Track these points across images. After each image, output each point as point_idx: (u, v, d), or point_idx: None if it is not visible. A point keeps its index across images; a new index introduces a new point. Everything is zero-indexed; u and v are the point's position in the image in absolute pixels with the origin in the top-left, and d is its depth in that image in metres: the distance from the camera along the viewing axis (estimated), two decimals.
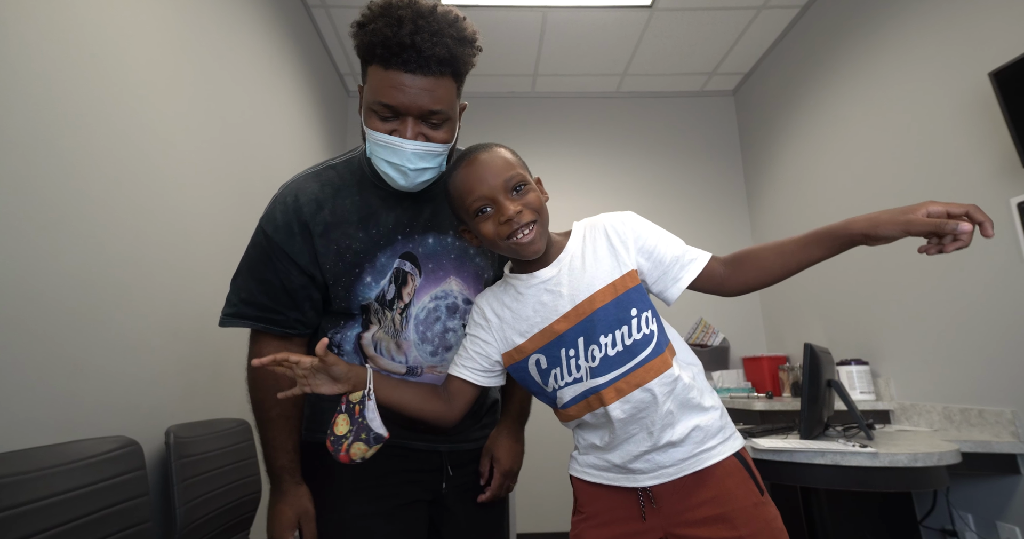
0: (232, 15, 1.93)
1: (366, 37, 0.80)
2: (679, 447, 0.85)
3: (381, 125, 0.84)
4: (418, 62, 0.78)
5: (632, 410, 0.84)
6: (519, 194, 0.84)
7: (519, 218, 0.82)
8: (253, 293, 0.93)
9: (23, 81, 1.03)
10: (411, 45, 0.77)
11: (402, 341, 0.96)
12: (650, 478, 0.86)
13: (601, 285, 0.86)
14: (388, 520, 0.94)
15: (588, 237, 0.90)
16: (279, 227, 0.92)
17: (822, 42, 2.71)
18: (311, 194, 0.93)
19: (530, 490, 3.01)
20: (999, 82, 1.62)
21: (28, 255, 1.02)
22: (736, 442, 0.89)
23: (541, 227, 0.85)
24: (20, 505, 0.86)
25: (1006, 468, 1.70)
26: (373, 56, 0.80)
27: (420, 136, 0.84)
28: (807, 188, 2.84)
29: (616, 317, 0.85)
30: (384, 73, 0.80)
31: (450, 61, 0.81)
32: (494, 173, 0.83)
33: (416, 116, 0.83)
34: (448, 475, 1.02)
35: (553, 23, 2.91)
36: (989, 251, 1.80)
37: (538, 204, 0.85)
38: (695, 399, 0.86)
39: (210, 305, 1.69)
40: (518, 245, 0.83)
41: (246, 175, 1.98)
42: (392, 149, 0.84)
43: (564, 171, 3.41)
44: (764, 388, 2.84)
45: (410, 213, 0.95)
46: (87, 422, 1.13)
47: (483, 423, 1.09)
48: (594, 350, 0.84)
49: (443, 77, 0.82)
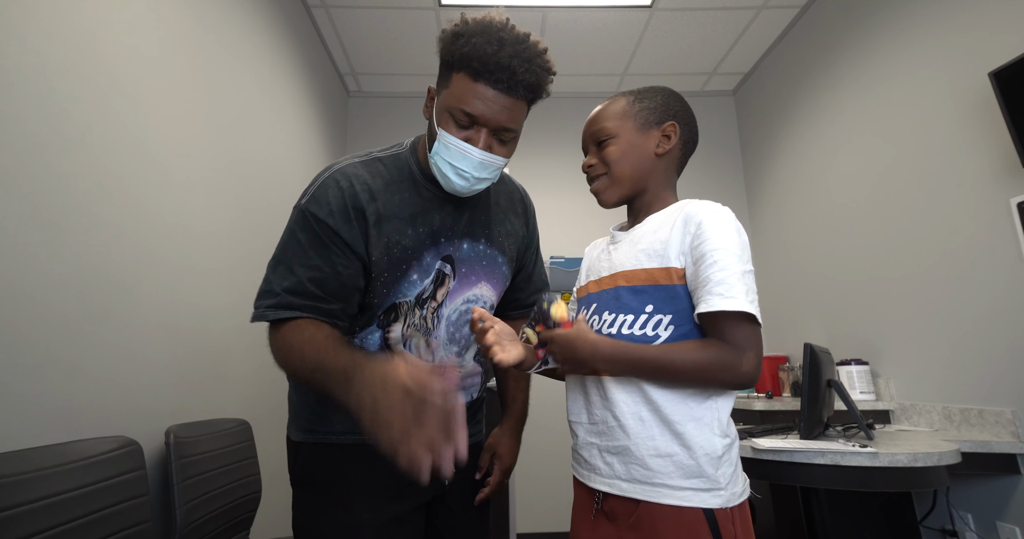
0: (232, 15, 1.93)
1: (463, 48, 0.83)
2: (634, 461, 0.79)
3: (456, 130, 0.87)
4: (509, 83, 0.83)
5: (600, 400, 0.85)
6: (600, 147, 0.92)
7: (592, 171, 0.93)
8: (301, 282, 0.86)
9: (22, 81, 1.03)
10: (507, 67, 0.82)
11: (432, 340, 0.97)
12: (604, 483, 0.83)
13: (636, 266, 0.85)
14: (399, 523, 0.94)
15: (671, 216, 0.86)
16: (334, 212, 0.88)
17: (822, 42, 2.71)
18: (364, 182, 0.91)
19: (530, 490, 3.01)
20: (999, 82, 1.62)
21: (27, 255, 1.02)
22: (716, 499, 0.76)
23: (611, 180, 0.91)
24: (20, 505, 0.86)
25: (1006, 468, 1.70)
26: (466, 66, 0.83)
27: (489, 148, 0.88)
28: (807, 188, 2.84)
29: (628, 304, 0.84)
30: (472, 84, 0.84)
31: (534, 89, 0.87)
32: (588, 127, 0.95)
33: (491, 129, 0.87)
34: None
35: (553, 23, 2.91)
36: (989, 251, 1.80)
37: (614, 157, 0.90)
38: (677, 427, 0.79)
39: (210, 305, 1.69)
40: (593, 193, 0.94)
41: (246, 175, 1.98)
42: (462, 154, 0.87)
43: (564, 171, 3.41)
44: (764, 388, 2.83)
45: (452, 217, 0.97)
46: (87, 422, 1.13)
47: (477, 419, 1.12)
48: (595, 321, 0.89)
49: (522, 100, 0.87)
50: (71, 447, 1.01)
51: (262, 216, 2.07)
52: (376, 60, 3.20)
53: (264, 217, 2.08)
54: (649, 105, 0.92)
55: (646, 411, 0.80)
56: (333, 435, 0.97)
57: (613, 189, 0.92)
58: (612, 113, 0.93)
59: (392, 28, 2.91)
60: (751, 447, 1.47)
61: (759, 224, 3.37)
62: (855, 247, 2.45)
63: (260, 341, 0.96)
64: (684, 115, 0.93)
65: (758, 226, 3.38)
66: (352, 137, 3.47)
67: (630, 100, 0.93)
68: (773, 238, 3.18)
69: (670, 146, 0.90)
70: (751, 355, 0.75)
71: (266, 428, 1.93)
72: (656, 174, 0.92)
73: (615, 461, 0.81)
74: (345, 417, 0.96)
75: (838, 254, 2.57)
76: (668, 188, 0.93)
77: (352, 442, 0.95)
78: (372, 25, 2.88)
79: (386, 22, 2.86)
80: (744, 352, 0.75)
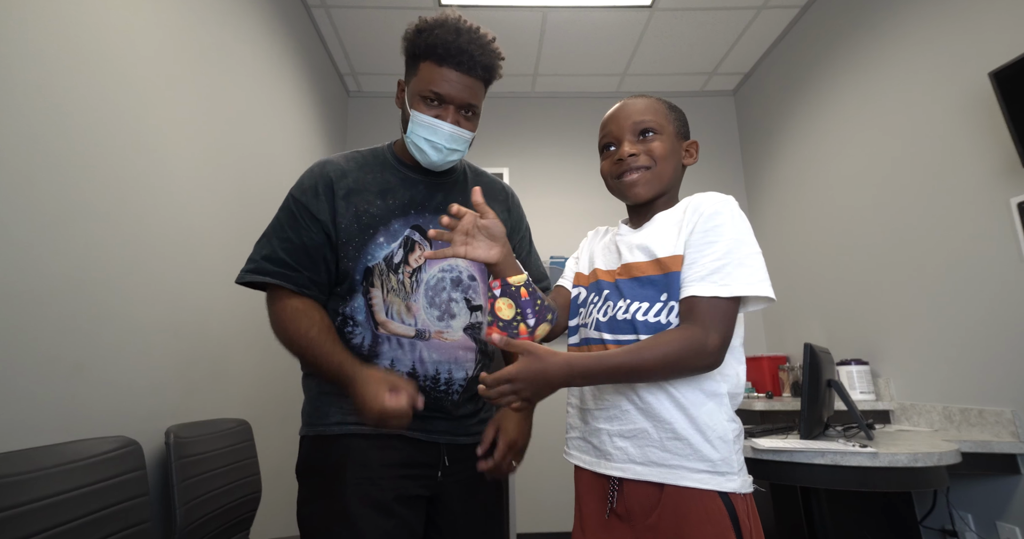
0: (232, 15, 1.93)
1: (428, 39, 0.98)
2: (646, 443, 0.80)
3: (427, 110, 1.01)
4: (469, 64, 0.98)
5: (611, 386, 0.84)
6: (644, 139, 0.91)
7: (632, 161, 0.90)
8: (275, 251, 1.01)
9: (23, 81, 1.03)
10: (466, 51, 0.97)
11: (412, 303, 1.03)
12: (616, 468, 0.82)
13: (646, 258, 0.86)
14: (388, 514, 0.95)
15: (679, 209, 0.89)
16: (305, 189, 1.04)
17: (822, 42, 2.71)
18: (337, 165, 1.07)
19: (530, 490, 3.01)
20: (999, 82, 1.62)
21: (28, 255, 1.02)
22: (731, 483, 0.77)
23: (653, 175, 0.90)
24: (20, 505, 0.86)
25: (1006, 468, 1.70)
26: (431, 54, 0.98)
27: (457, 123, 1.02)
28: (807, 188, 2.84)
29: (642, 292, 0.85)
30: (438, 69, 0.98)
31: (489, 69, 1.02)
32: (626, 115, 0.93)
33: (457, 106, 1.01)
34: (445, 465, 1.03)
35: (553, 23, 2.91)
36: (989, 251, 1.80)
37: (661, 153, 0.90)
38: (692, 410, 0.80)
39: (210, 305, 1.69)
40: (623, 184, 0.92)
41: (246, 175, 1.98)
42: (433, 129, 1.01)
43: (564, 171, 3.41)
44: (764, 388, 2.84)
45: (423, 195, 1.09)
46: (87, 422, 1.13)
47: (481, 418, 1.11)
48: (608, 307, 0.88)
49: (480, 81, 1.02)
50: (71, 447, 1.01)
51: (262, 216, 2.06)
52: (376, 60, 3.20)
53: (264, 217, 2.06)
54: (680, 118, 0.97)
55: (661, 394, 0.81)
56: (329, 426, 0.99)
57: (653, 184, 0.91)
58: (658, 110, 0.93)
59: (392, 28, 2.91)
60: (751, 447, 1.47)
61: (759, 224, 3.37)
62: (855, 247, 2.45)
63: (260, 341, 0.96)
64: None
65: (758, 226, 3.38)
66: (352, 137, 3.47)
67: (666, 107, 0.95)
68: (773, 238, 3.18)
69: (691, 161, 0.95)
70: (715, 336, 0.75)
71: (266, 428, 1.94)
72: (678, 183, 0.96)
73: (628, 445, 0.82)
74: (339, 408, 1.00)
75: (838, 254, 2.57)
76: (677, 198, 0.97)
77: (344, 433, 0.98)
78: (372, 25, 2.88)
79: (386, 22, 2.86)
80: (708, 333, 0.75)
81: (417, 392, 0.89)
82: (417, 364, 1.01)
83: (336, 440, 0.99)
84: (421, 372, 1.01)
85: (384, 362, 1.00)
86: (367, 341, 1.01)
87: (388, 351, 1.01)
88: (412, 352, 1.01)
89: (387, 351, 1.01)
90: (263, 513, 1.72)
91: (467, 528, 1.05)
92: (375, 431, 0.97)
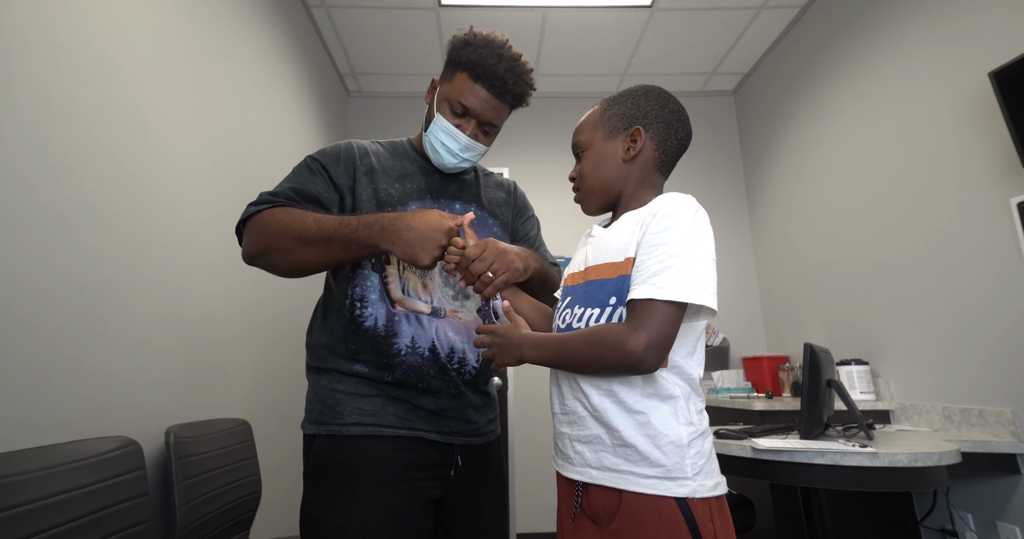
0: (232, 16, 1.93)
1: (471, 54, 1.03)
2: (600, 448, 0.80)
3: (451, 117, 1.07)
4: (500, 89, 1.04)
5: (570, 391, 0.85)
6: (579, 160, 0.96)
7: (573, 183, 0.98)
8: (284, 189, 1.03)
9: (22, 81, 1.03)
10: (502, 78, 1.03)
11: (428, 281, 1.06)
12: (576, 472, 0.83)
13: (604, 261, 0.86)
14: (405, 519, 0.95)
15: (641, 211, 0.85)
16: (327, 153, 1.08)
17: (822, 42, 2.71)
18: (361, 144, 1.12)
19: (530, 490, 3.01)
20: (999, 82, 1.62)
21: (28, 255, 1.02)
22: (682, 488, 0.74)
23: (585, 194, 0.95)
24: (20, 505, 0.86)
25: (1006, 468, 1.70)
26: (469, 69, 1.03)
27: (475, 137, 1.08)
28: (807, 188, 2.84)
29: (595, 297, 0.84)
30: (472, 84, 1.04)
31: (519, 98, 1.09)
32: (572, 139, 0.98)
33: (479, 121, 1.07)
34: (458, 466, 1.04)
35: (553, 23, 2.91)
36: (989, 251, 1.80)
37: (586, 171, 0.94)
38: (640, 417, 0.78)
39: (210, 305, 1.69)
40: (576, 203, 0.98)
41: (246, 175, 1.98)
42: (452, 136, 1.07)
43: (565, 171, 3.40)
44: (764, 388, 2.84)
45: (439, 184, 1.14)
46: (87, 422, 1.13)
47: (489, 418, 1.12)
48: (567, 314, 0.89)
49: (507, 105, 1.09)
50: (71, 447, 1.01)
51: None
52: (376, 60, 3.20)
53: None
54: (618, 111, 0.92)
55: (610, 401, 0.80)
56: (344, 427, 0.98)
57: (588, 201, 0.95)
58: (585, 125, 0.96)
59: (392, 28, 2.91)
60: (751, 447, 1.47)
61: (759, 224, 3.37)
62: (855, 247, 2.45)
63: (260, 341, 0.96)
64: (658, 115, 0.91)
65: (758, 226, 3.38)
66: (352, 137, 3.44)
67: (602, 108, 0.95)
68: (773, 238, 3.18)
69: (637, 150, 0.90)
70: (641, 335, 0.73)
71: (266, 428, 1.94)
72: (630, 178, 0.91)
73: (585, 450, 0.82)
74: (356, 408, 0.99)
75: (838, 254, 2.57)
76: (646, 189, 0.92)
77: (362, 434, 0.97)
78: (372, 25, 2.89)
79: (386, 22, 2.86)
80: (635, 331, 0.73)
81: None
82: (436, 341, 1.02)
83: (352, 441, 0.98)
84: (440, 349, 1.02)
85: (404, 340, 1.01)
86: (380, 321, 1.01)
87: (407, 329, 1.01)
88: (430, 329, 1.02)
89: (406, 329, 1.01)
90: (263, 513, 1.72)
91: (473, 525, 1.05)
92: (393, 433, 0.98)
